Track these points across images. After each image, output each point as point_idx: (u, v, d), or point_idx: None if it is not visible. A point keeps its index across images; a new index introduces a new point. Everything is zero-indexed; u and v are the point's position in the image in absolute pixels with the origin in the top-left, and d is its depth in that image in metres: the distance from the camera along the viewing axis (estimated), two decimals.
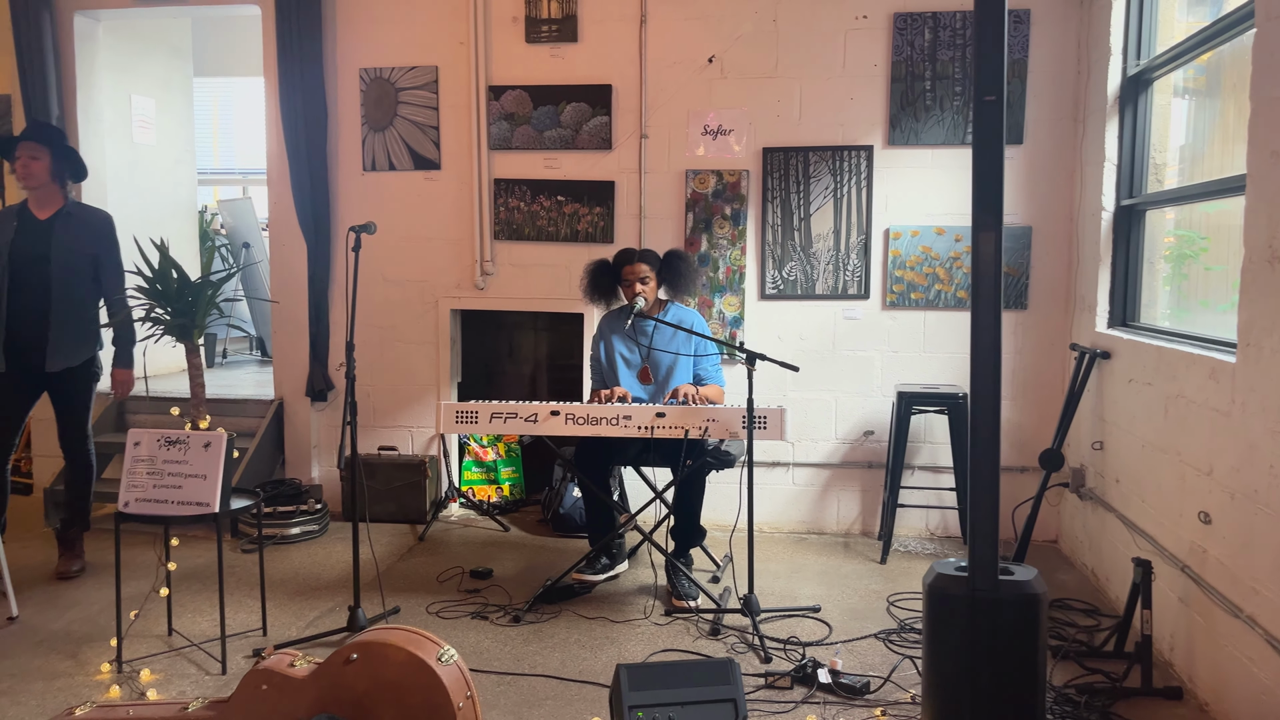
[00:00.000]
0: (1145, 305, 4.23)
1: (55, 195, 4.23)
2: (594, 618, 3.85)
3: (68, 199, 4.27)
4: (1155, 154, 4.16)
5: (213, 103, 9.40)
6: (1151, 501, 3.61)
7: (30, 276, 4.13)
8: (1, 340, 4.11)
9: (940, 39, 4.75)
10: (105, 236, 4.29)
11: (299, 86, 5.08)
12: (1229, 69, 3.82)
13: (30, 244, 4.15)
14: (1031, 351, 4.82)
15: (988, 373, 2.53)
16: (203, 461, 3.37)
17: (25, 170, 4.14)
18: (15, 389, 4.19)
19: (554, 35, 5.00)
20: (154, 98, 6.24)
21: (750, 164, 4.93)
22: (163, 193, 6.26)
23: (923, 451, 4.91)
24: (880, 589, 4.19)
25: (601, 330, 4.39)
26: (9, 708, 3.11)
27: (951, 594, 2.59)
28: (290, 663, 2.49)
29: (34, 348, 4.15)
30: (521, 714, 3.06)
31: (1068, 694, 3.09)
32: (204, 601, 4.01)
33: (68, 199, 4.27)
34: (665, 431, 3.80)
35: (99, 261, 4.26)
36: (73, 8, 5.40)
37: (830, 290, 4.92)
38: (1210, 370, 3.12)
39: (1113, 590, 4.02)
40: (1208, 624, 3.09)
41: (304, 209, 5.16)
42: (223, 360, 7.53)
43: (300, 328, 5.29)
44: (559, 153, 5.06)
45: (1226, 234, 3.77)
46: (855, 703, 3.12)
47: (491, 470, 5.42)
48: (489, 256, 5.17)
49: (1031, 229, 4.76)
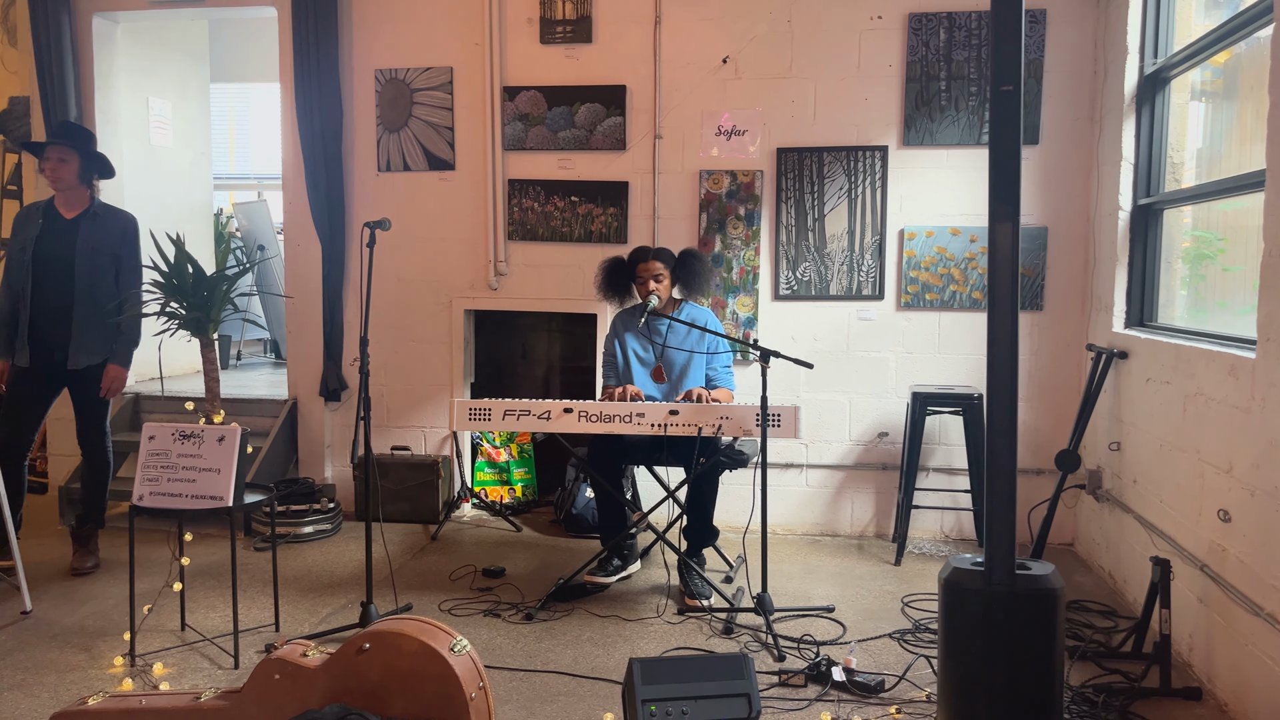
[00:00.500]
0: (1163, 305, 4.20)
1: (82, 195, 4.27)
2: (606, 616, 3.83)
3: (94, 199, 4.31)
4: (1173, 153, 4.14)
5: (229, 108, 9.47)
6: (1170, 501, 3.58)
7: (54, 275, 4.16)
8: (25, 336, 4.15)
9: (955, 39, 4.74)
10: (129, 238, 4.32)
11: (314, 86, 5.10)
12: (1246, 71, 3.80)
13: (55, 243, 4.18)
14: (1047, 353, 4.78)
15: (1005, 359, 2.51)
16: (217, 455, 3.38)
17: (54, 172, 4.17)
18: (38, 384, 4.23)
19: (569, 36, 5.01)
20: (171, 100, 6.28)
21: (764, 164, 4.93)
22: (179, 195, 6.30)
23: (937, 453, 4.88)
24: (895, 590, 4.16)
25: (615, 328, 4.39)
26: (22, 700, 3.11)
27: (968, 588, 2.56)
28: (303, 653, 2.48)
29: (56, 344, 4.19)
30: (534, 709, 3.04)
31: (1085, 693, 3.06)
32: (217, 598, 4.02)
33: (94, 199, 4.31)
34: (678, 429, 3.79)
35: (120, 261, 4.29)
36: (91, 9, 5.45)
37: (844, 291, 4.90)
38: (1230, 367, 3.09)
39: (1130, 592, 3.98)
40: (1227, 623, 3.05)
41: (319, 209, 5.18)
42: (237, 362, 7.56)
43: (314, 328, 5.31)
44: (573, 153, 5.06)
45: (1244, 235, 3.74)
46: (870, 701, 3.09)
47: (504, 471, 5.42)
48: (503, 257, 5.17)
49: (1047, 230, 4.73)
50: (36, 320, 4.16)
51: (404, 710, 2.34)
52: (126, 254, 4.30)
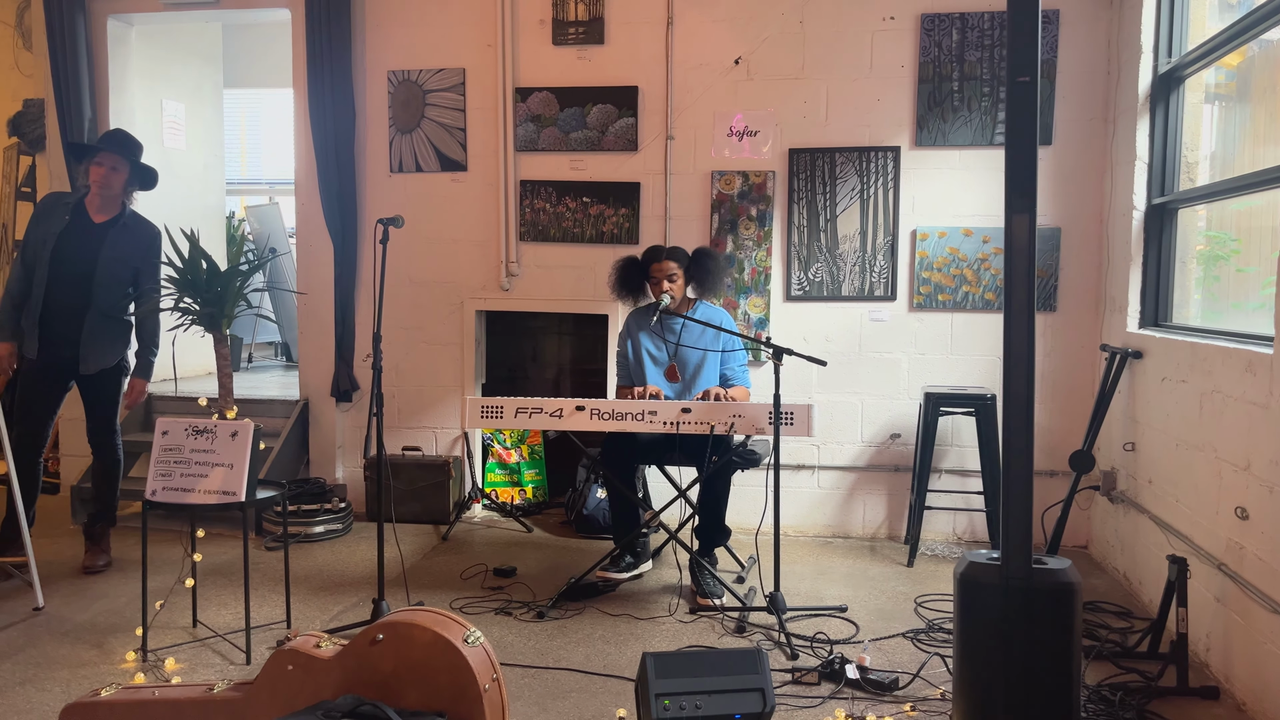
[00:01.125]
0: (1177, 305, 4.17)
1: (117, 202, 4.26)
2: (618, 615, 3.82)
3: (126, 208, 4.29)
4: (1187, 152, 4.12)
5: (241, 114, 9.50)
6: (1186, 500, 3.55)
7: (72, 276, 4.16)
8: (36, 331, 4.15)
9: (968, 40, 4.73)
10: (152, 251, 4.34)
11: (327, 88, 5.12)
12: (1259, 74, 3.78)
13: (80, 245, 4.18)
14: (1061, 354, 4.76)
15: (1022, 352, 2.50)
16: (229, 450, 3.38)
17: (106, 179, 4.16)
18: (48, 381, 4.23)
19: (581, 37, 5.02)
20: (185, 103, 6.31)
21: (776, 165, 4.92)
22: (192, 197, 6.32)
23: (950, 455, 4.85)
24: (908, 591, 4.14)
25: (629, 327, 4.38)
26: (34, 694, 3.11)
27: (984, 583, 2.54)
28: (316, 644, 2.47)
29: (65, 343, 4.19)
30: (546, 705, 3.03)
31: (1102, 692, 3.03)
32: (228, 596, 4.01)
33: (126, 208, 4.29)
34: (691, 427, 3.77)
35: (139, 273, 4.30)
36: (106, 12, 5.48)
37: (856, 292, 4.89)
38: (1247, 363, 3.07)
39: (1146, 594, 3.95)
40: (1246, 622, 3.02)
41: (331, 210, 5.19)
42: (248, 365, 7.58)
43: (326, 328, 5.32)
44: (585, 154, 5.07)
45: (1259, 236, 3.72)
46: (884, 698, 3.07)
47: (515, 472, 5.41)
48: (514, 258, 5.18)
49: (1060, 230, 4.72)
50: (47, 316, 4.16)
51: (417, 701, 2.33)
52: (147, 267, 4.31)
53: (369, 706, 2.27)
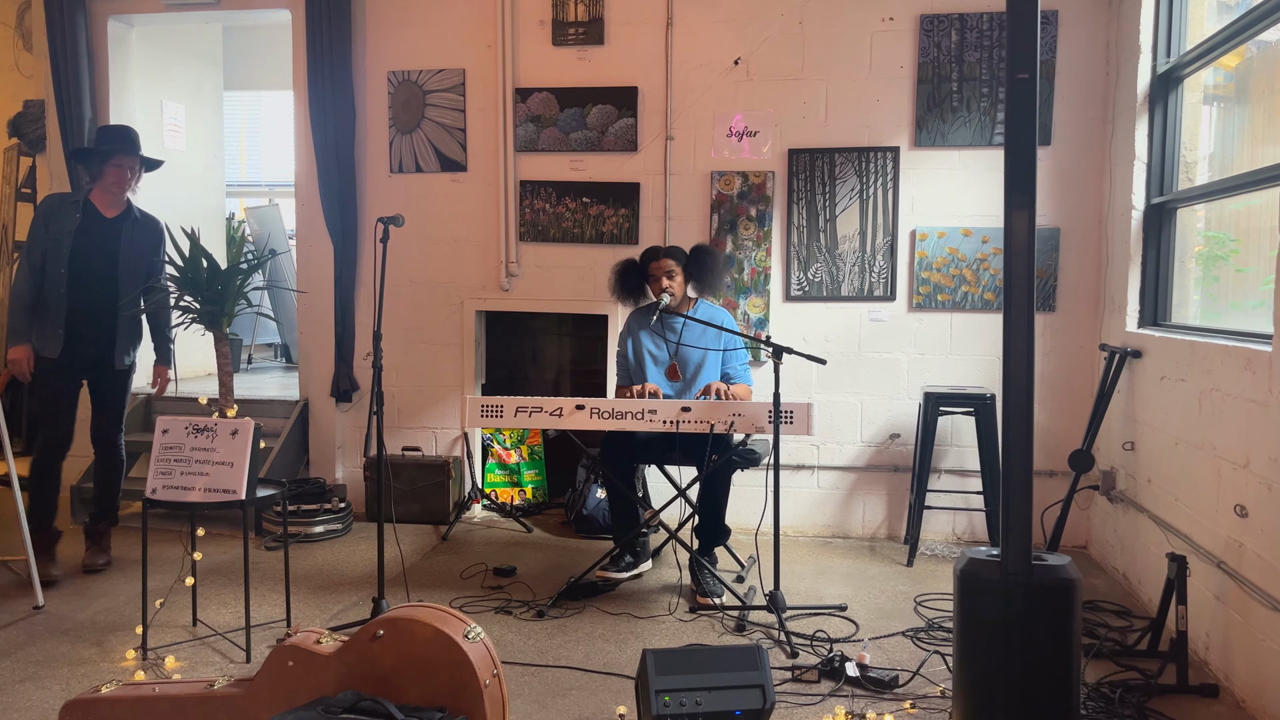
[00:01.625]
0: (1176, 305, 4.18)
1: (123, 197, 4.30)
2: (618, 614, 3.82)
3: (132, 203, 4.34)
4: (1186, 151, 4.13)
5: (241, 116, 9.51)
6: (1185, 499, 3.56)
7: (94, 272, 4.18)
8: (60, 330, 4.14)
9: (967, 40, 4.74)
10: (161, 243, 4.39)
11: (328, 88, 5.12)
12: (1257, 74, 3.79)
13: (99, 241, 4.20)
14: (1060, 354, 4.77)
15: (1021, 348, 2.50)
16: (230, 449, 3.38)
17: (122, 180, 4.19)
18: (67, 379, 4.24)
19: (581, 38, 5.03)
20: (185, 104, 6.32)
21: (776, 165, 4.93)
22: (192, 198, 6.32)
23: (949, 455, 4.86)
24: (907, 590, 4.14)
25: (629, 326, 4.38)
26: (33, 692, 3.11)
27: (984, 578, 2.55)
28: (316, 639, 2.48)
29: (89, 340, 4.21)
30: (546, 703, 3.03)
31: (1102, 690, 3.04)
32: (228, 595, 4.01)
33: (132, 203, 4.34)
34: (691, 426, 3.78)
35: (152, 265, 4.34)
36: (106, 13, 5.48)
37: (856, 292, 4.90)
38: (1246, 361, 3.08)
39: (1145, 593, 3.95)
40: (1245, 620, 3.03)
41: (331, 210, 5.20)
42: (248, 366, 7.58)
43: (326, 328, 5.32)
44: (585, 155, 5.08)
45: (1258, 236, 3.73)
46: (884, 696, 3.07)
47: (514, 472, 5.41)
48: (514, 258, 5.19)
49: (1059, 231, 4.72)
50: (71, 319, 4.16)
51: (418, 697, 2.33)
52: (158, 260, 4.37)
53: (369, 702, 2.27)
